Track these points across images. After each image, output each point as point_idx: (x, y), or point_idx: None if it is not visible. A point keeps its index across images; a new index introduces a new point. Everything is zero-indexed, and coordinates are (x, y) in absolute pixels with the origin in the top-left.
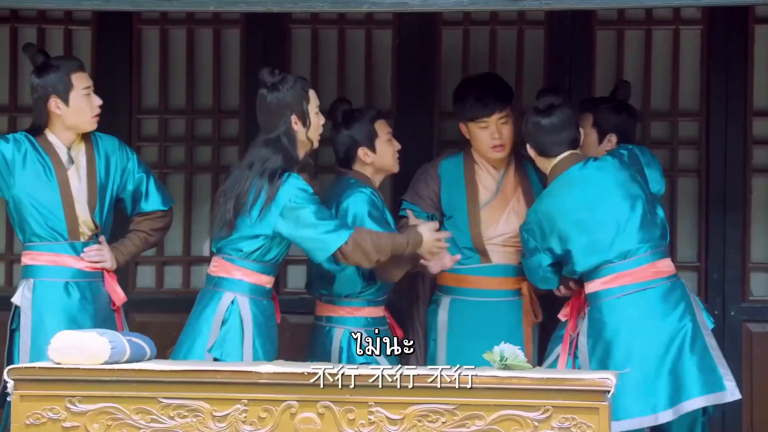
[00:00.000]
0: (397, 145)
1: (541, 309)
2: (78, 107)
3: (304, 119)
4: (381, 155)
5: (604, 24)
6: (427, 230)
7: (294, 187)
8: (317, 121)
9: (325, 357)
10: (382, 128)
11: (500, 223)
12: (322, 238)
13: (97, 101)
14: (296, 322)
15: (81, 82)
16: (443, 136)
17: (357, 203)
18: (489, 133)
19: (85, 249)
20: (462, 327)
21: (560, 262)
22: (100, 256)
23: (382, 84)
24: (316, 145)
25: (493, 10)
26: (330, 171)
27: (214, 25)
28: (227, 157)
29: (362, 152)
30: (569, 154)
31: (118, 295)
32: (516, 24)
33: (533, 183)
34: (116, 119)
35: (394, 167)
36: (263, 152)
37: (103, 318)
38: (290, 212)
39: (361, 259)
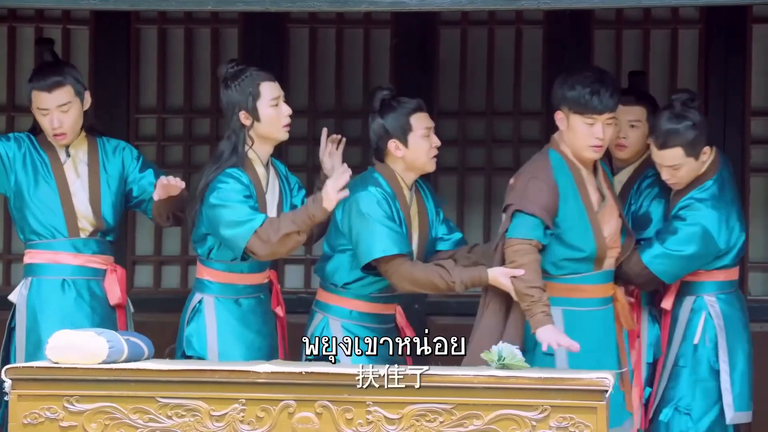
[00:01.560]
0: (436, 142)
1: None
2: (39, 119)
3: (255, 114)
4: (414, 151)
5: (602, 24)
6: (326, 184)
7: (220, 184)
8: (273, 114)
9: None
10: (419, 122)
11: (607, 228)
12: (232, 238)
13: (56, 123)
14: (295, 321)
15: (38, 100)
16: (441, 135)
17: (358, 202)
18: (592, 131)
19: (165, 179)
20: (582, 339)
21: None
22: (163, 187)
23: (379, 83)
24: (281, 137)
25: (491, 10)
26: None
27: (212, 25)
28: None
29: (393, 145)
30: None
31: (114, 295)
32: (514, 24)
33: (612, 184)
34: (114, 118)
35: (428, 165)
36: (219, 148)
37: (101, 316)
38: (210, 211)
39: (268, 250)
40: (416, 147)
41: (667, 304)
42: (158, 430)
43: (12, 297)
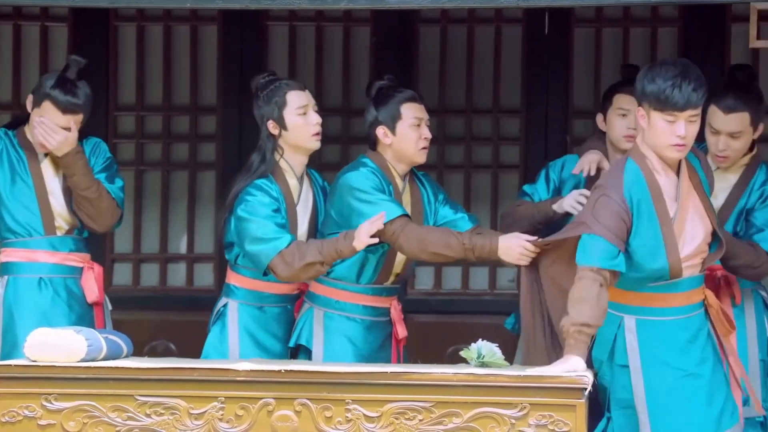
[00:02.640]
0: (426, 134)
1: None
2: (34, 122)
3: (282, 124)
4: (401, 139)
5: (582, 22)
6: (361, 225)
7: (249, 196)
8: (300, 122)
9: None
10: (409, 111)
11: (687, 239)
12: (255, 254)
13: (39, 137)
14: None
15: (47, 111)
16: None
17: (348, 180)
18: (673, 129)
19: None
20: (659, 349)
21: None
22: (46, 129)
23: (359, 81)
24: (310, 146)
25: (470, 8)
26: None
27: (191, 22)
28: (204, 154)
29: (381, 131)
30: None
31: (92, 292)
32: (493, 22)
33: (703, 181)
34: (93, 116)
35: (417, 156)
36: (250, 158)
37: (78, 314)
38: (238, 223)
39: (289, 273)
40: (404, 136)
41: (739, 299)
42: (137, 429)
43: None
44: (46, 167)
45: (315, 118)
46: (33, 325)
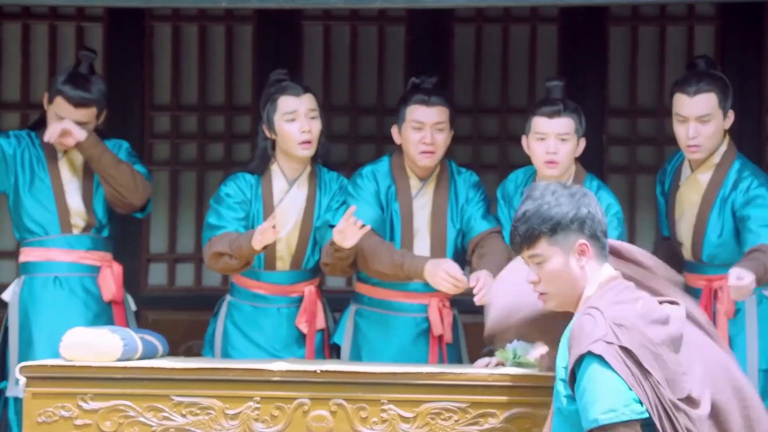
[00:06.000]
0: (426, 139)
1: None
2: (49, 123)
3: (271, 128)
4: (403, 141)
5: (618, 20)
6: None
7: (223, 186)
8: (286, 129)
9: None
10: (411, 114)
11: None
12: (203, 239)
13: (59, 126)
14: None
15: (60, 107)
16: (456, 132)
17: (350, 182)
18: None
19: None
20: None
21: None
22: (66, 126)
23: (394, 81)
24: (297, 154)
25: (505, 7)
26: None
27: (227, 22)
28: (239, 154)
29: (394, 131)
30: None
31: (108, 290)
32: (529, 21)
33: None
34: (128, 116)
35: (418, 159)
36: None
37: (95, 313)
38: None
39: (207, 262)
40: (405, 137)
41: (732, 312)
42: (172, 429)
43: (5, 296)
44: (64, 166)
45: (302, 126)
46: (47, 323)
